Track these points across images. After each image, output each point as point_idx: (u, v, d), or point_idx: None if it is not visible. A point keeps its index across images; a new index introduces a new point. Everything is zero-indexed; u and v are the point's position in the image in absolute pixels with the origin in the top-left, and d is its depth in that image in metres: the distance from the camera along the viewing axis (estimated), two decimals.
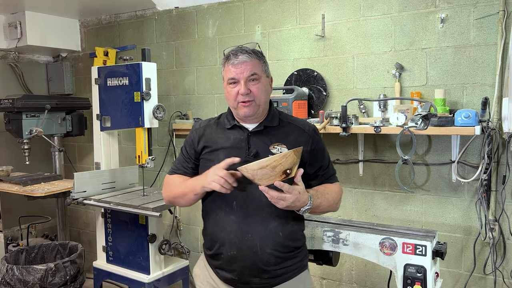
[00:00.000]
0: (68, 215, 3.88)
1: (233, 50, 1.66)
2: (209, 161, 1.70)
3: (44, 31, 3.67)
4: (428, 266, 1.84)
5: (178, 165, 1.83)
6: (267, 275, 1.65)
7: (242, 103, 1.64)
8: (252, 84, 1.63)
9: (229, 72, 1.64)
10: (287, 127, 1.72)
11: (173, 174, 1.83)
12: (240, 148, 1.67)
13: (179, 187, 1.75)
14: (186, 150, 1.80)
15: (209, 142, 1.73)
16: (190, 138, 1.80)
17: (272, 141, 1.67)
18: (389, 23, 2.54)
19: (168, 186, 1.82)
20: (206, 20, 3.22)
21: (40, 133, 3.26)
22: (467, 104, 2.35)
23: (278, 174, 1.41)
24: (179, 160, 1.84)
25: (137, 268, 2.81)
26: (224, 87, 1.70)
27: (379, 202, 2.68)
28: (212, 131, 1.76)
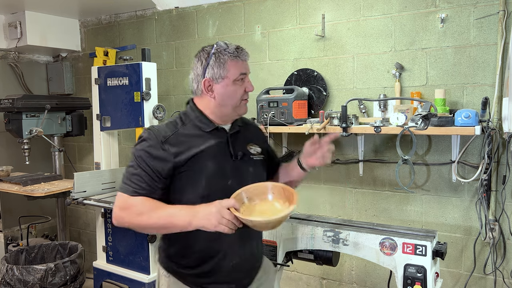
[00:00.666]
0: (68, 215, 3.88)
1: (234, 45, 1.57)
2: (197, 172, 1.51)
3: (44, 31, 3.67)
4: (428, 266, 1.83)
5: (140, 183, 1.48)
6: (256, 271, 1.71)
7: (245, 101, 1.59)
8: None
9: (240, 67, 1.54)
10: (248, 127, 1.75)
11: (134, 195, 1.47)
12: (225, 151, 1.58)
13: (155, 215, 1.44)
14: (154, 165, 1.48)
15: (193, 151, 1.51)
16: (157, 151, 1.49)
17: (246, 141, 1.65)
18: (389, 23, 2.54)
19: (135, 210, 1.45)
20: (206, 20, 3.22)
21: (40, 133, 3.26)
22: (467, 104, 2.35)
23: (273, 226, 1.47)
24: (140, 177, 1.48)
25: (137, 268, 2.81)
26: (225, 84, 1.54)
27: (379, 202, 2.68)
28: (187, 138, 1.54)
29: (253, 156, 1.64)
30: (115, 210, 1.49)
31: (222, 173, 1.54)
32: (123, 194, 1.49)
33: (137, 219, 1.46)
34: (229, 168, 1.56)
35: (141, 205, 1.46)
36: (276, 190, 1.52)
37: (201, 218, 1.38)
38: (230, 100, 1.56)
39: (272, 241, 2.18)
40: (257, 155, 1.66)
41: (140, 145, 1.53)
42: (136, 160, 1.51)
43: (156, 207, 1.46)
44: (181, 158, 1.50)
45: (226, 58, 1.53)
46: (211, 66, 1.54)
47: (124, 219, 1.48)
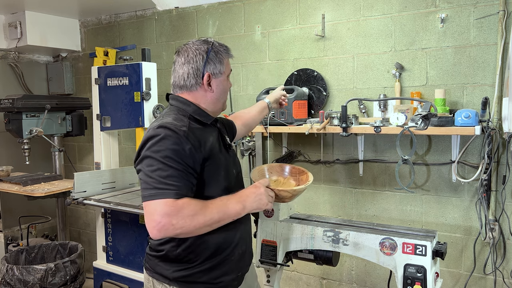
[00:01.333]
0: (68, 215, 3.88)
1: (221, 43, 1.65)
2: (217, 165, 1.52)
3: (44, 31, 3.67)
4: (428, 266, 1.83)
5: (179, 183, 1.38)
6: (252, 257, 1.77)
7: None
8: None
9: (229, 64, 1.67)
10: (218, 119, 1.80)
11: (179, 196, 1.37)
12: (220, 143, 1.62)
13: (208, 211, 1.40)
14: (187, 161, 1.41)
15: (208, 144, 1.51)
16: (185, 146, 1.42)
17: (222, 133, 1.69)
18: (389, 23, 2.54)
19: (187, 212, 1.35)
20: (206, 20, 3.22)
21: (40, 133, 3.26)
22: (467, 104, 2.35)
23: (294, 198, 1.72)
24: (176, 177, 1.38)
25: (137, 268, 2.81)
26: (223, 80, 1.61)
27: (379, 202, 2.68)
28: (199, 132, 1.51)
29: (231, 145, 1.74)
30: (158, 220, 1.32)
31: (229, 164, 1.61)
32: (162, 200, 1.34)
33: (192, 221, 1.36)
34: (230, 157, 1.65)
35: (191, 206, 1.37)
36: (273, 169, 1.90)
37: (253, 201, 1.49)
38: (224, 95, 1.66)
39: (272, 241, 2.18)
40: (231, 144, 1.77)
41: (160, 144, 1.40)
42: (164, 161, 1.37)
43: (204, 204, 1.41)
44: (206, 151, 1.48)
45: (223, 55, 1.60)
46: (212, 61, 1.56)
47: (176, 225, 1.34)
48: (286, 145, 2.93)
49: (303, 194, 2.90)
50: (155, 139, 1.41)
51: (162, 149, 1.39)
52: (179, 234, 1.38)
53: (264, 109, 2.18)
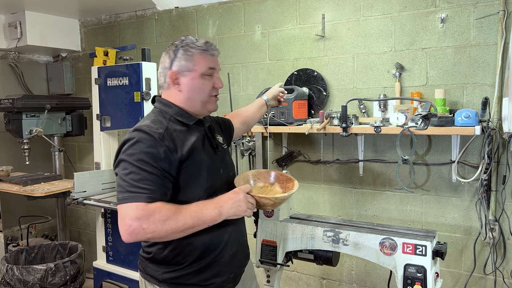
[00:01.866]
0: (68, 215, 3.88)
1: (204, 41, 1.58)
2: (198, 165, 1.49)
3: (44, 31, 3.67)
4: (428, 266, 1.83)
5: (152, 187, 1.36)
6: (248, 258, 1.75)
7: (214, 97, 1.58)
8: None
9: (209, 62, 1.53)
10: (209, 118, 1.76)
11: (152, 200, 1.35)
12: (208, 144, 1.59)
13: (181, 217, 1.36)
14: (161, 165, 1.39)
15: (187, 145, 1.48)
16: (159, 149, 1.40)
17: (213, 132, 1.67)
18: (389, 23, 2.54)
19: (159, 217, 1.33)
20: (206, 20, 3.22)
21: (40, 133, 3.26)
22: (467, 104, 2.35)
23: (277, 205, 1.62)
24: (151, 182, 1.36)
25: (137, 268, 2.80)
26: (193, 78, 1.52)
27: (379, 202, 2.68)
28: (177, 133, 1.49)
29: (223, 145, 1.71)
30: (129, 223, 1.31)
31: (214, 164, 1.57)
32: (134, 203, 1.32)
33: (164, 226, 1.33)
34: (216, 158, 1.61)
35: (163, 210, 1.34)
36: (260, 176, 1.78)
37: (231, 207, 1.41)
38: (198, 94, 1.53)
39: (272, 241, 2.18)
40: (225, 144, 1.73)
41: (134, 148, 1.39)
42: (137, 164, 1.37)
43: (178, 209, 1.37)
44: (182, 153, 1.45)
45: (194, 52, 1.53)
46: (178, 58, 1.54)
47: (147, 230, 1.31)
48: (286, 145, 2.93)
49: (304, 194, 2.90)
50: (130, 142, 1.41)
51: (136, 152, 1.38)
52: (150, 238, 1.37)
53: (262, 106, 2.12)
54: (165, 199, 1.39)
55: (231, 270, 1.61)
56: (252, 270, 1.85)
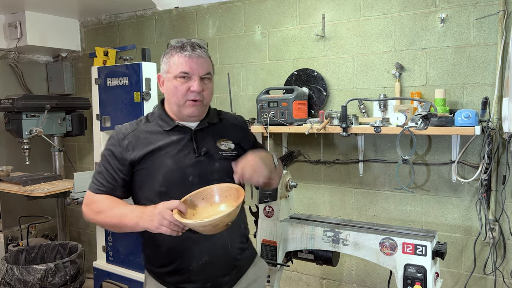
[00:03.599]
0: (68, 215, 3.88)
1: (187, 42, 1.53)
2: (154, 169, 1.51)
3: (44, 31, 3.67)
4: (428, 266, 1.83)
5: (103, 181, 1.52)
6: (235, 270, 1.63)
7: (192, 102, 1.51)
8: (205, 83, 1.53)
9: (182, 64, 1.49)
10: (225, 123, 1.69)
11: (97, 192, 1.52)
12: (187, 149, 1.54)
13: (110, 214, 1.46)
14: (113, 162, 1.52)
15: (149, 148, 1.51)
16: (118, 147, 1.52)
17: (217, 138, 1.61)
18: (389, 23, 2.54)
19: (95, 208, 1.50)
20: (206, 20, 3.22)
21: (40, 133, 3.26)
22: (467, 104, 2.35)
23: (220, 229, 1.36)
24: (103, 175, 1.53)
25: (137, 268, 2.82)
26: (168, 79, 1.53)
27: (379, 202, 2.68)
28: (147, 135, 1.54)
29: (222, 152, 1.59)
30: (82, 207, 1.55)
31: (182, 170, 1.51)
32: (88, 191, 1.55)
33: (96, 217, 1.50)
34: (190, 164, 1.52)
35: (101, 203, 1.50)
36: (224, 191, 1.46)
37: (145, 220, 1.36)
38: (171, 97, 1.53)
39: (272, 241, 2.18)
40: (228, 151, 1.60)
41: (106, 144, 1.58)
42: (101, 159, 1.56)
43: (113, 206, 1.47)
44: (136, 155, 1.51)
45: (172, 53, 1.53)
46: (163, 61, 1.58)
47: (88, 216, 1.52)
48: (286, 145, 2.93)
49: (304, 194, 2.90)
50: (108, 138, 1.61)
51: (105, 148, 1.58)
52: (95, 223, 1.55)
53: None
54: (116, 194, 1.53)
55: (205, 279, 1.56)
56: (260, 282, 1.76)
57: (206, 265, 1.54)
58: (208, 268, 1.55)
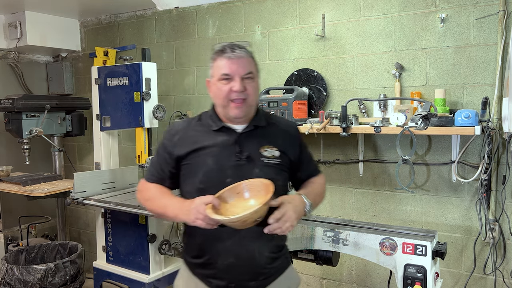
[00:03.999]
0: (68, 215, 3.88)
1: (227, 44, 1.57)
2: (196, 166, 1.58)
3: (44, 31, 3.67)
4: (428, 266, 1.84)
5: (155, 171, 1.67)
6: (262, 277, 1.63)
7: (234, 103, 1.54)
8: (247, 83, 1.55)
9: (223, 67, 1.53)
10: (274, 128, 1.68)
11: (149, 180, 1.67)
12: (230, 151, 1.57)
13: (156, 203, 1.61)
14: (164, 155, 1.64)
15: (195, 146, 1.59)
16: (170, 141, 1.64)
17: (262, 143, 1.61)
18: (389, 23, 2.54)
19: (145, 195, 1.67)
20: (206, 20, 3.22)
21: (40, 133, 3.26)
22: (467, 104, 2.35)
23: (249, 224, 1.40)
24: (156, 166, 1.67)
25: (137, 268, 2.81)
26: (213, 83, 1.58)
27: (379, 202, 2.68)
28: (196, 133, 1.62)
29: (264, 158, 1.59)
30: (136, 192, 1.73)
31: (221, 171, 1.54)
32: (142, 179, 1.71)
33: (145, 203, 1.67)
34: (230, 167, 1.55)
35: (150, 191, 1.65)
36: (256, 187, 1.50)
37: (183, 213, 1.46)
38: (217, 99, 1.59)
39: None
40: (271, 158, 1.60)
41: (162, 137, 1.70)
42: (156, 151, 1.70)
43: (160, 196, 1.61)
44: (183, 151, 1.59)
45: (214, 57, 1.58)
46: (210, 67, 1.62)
47: (139, 201, 1.71)
48: None
49: None
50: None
51: (160, 141, 1.70)
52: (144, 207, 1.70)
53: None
54: (165, 184, 1.66)
55: (230, 279, 1.59)
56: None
57: (231, 266, 1.57)
58: (233, 270, 1.57)
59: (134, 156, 2.90)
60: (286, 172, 1.66)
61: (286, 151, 1.64)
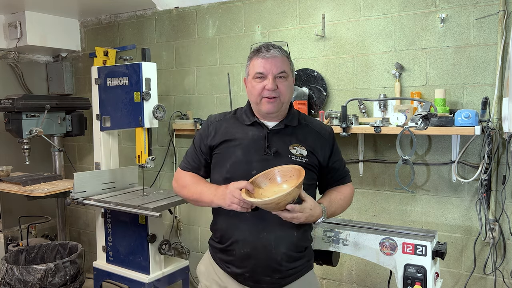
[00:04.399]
0: (68, 215, 3.88)
1: (264, 44, 1.65)
2: (225, 157, 1.67)
3: (44, 31, 3.67)
4: (428, 266, 1.83)
5: (190, 160, 1.79)
6: (278, 275, 1.65)
7: (267, 99, 1.62)
8: (280, 81, 1.62)
9: (258, 66, 1.61)
10: (306, 128, 1.73)
11: (185, 169, 1.79)
12: (259, 145, 1.65)
13: (192, 189, 1.71)
14: (199, 144, 1.76)
15: (226, 137, 1.69)
16: (205, 131, 1.75)
17: (291, 141, 1.66)
18: (389, 23, 2.54)
19: (181, 183, 1.78)
20: (206, 20, 3.22)
21: (40, 133, 3.26)
22: (467, 104, 2.35)
23: (282, 207, 1.48)
24: (191, 155, 1.79)
25: (137, 268, 2.81)
26: (248, 81, 1.67)
27: (379, 202, 2.68)
28: (229, 125, 1.72)
29: (292, 156, 1.65)
30: (172, 181, 1.84)
31: (248, 163, 1.63)
32: (178, 168, 1.83)
33: (182, 190, 1.77)
34: (257, 160, 1.63)
35: (186, 179, 1.76)
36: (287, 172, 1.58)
37: (219, 198, 1.56)
38: (251, 96, 1.68)
39: None
40: (298, 157, 1.66)
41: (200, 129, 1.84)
42: (192, 141, 1.80)
43: (195, 183, 1.73)
44: (215, 141, 1.70)
45: (251, 57, 1.67)
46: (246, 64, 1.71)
47: (175, 189, 1.81)
48: None
49: None
50: None
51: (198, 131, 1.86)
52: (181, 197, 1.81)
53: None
54: (198, 172, 1.77)
55: (246, 268, 1.64)
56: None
57: (247, 256, 1.63)
58: (249, 260, 1.63)
59: (134, 156, 2.90)
60: (314, 172, 1.71)
61: (315, 152, 1.69)
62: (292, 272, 1.68)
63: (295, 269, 1.69)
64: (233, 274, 1.69)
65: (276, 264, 1.63)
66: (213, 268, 1.76)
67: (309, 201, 1.55)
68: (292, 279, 1.69)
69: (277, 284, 1.66)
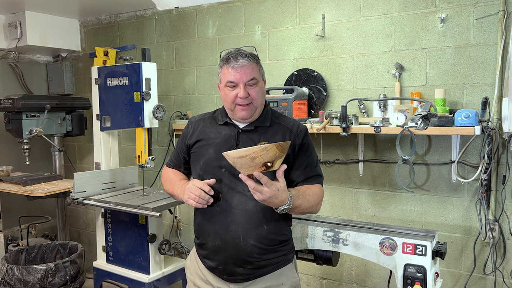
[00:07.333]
0: (68, 215, 3.88)
1: (232, 53, 1.70)
2: (199, 155, 1.78)
3: (44, 31, 3.67)
4: (428, 266, 1.84)
5: (173, 158, 1.95)
6: (250, 266, 1.70)
7: (240, 106, 1.69)
8: (251, 88, 1.69)
9: (228, 75, 1.68)
10: (277, 127, 1.77)
11: (169, 166, 1.96)
12: (230, 144, 1.73)
13: (171, 185, 1.86)
14: (180, 143, 1.89)
15: (201, 136, 1.80)
16: (185, 131, 1.88)
17: (260, 139, 1.71)
18: (389, 23, 2.54)
19: (164, 179, 1.95)
20: (206, 20, 3.22)
21: (40, 133, 3.26)
22: (467, 104, 2.36)
23: (257, 165, 1.42)
24: (175, 152, 1.94)
25: (137, 268, 2.82)
26: (221, 88, 1.74)
27: (379, 202, 2.68)
28: (206, 125, 1.83)
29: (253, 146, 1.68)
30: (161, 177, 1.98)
31: (218, 161, 1.69)
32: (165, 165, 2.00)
33: (164, 185, 1.93)
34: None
35: (167, 175, 1.93)
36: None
37: (184, 194, 1.68)
38: (225, 103, 1.75)
39: None
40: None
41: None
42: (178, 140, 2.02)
43: (174, 179, 1.87)
44: (192, 140, 1.82)
45: (221, 65, 1.73)
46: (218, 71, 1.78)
47: (162, 184, 1.96)
48: None
49: None
50: None
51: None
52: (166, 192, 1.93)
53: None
54: (179, 169, 1.93)
55: (219, 261, 1.73)
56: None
57: (218, 248, 1.71)
58: (220, 252, 1.71)
59: (134, 156, 2.90)
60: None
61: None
62: (265, 263, 1.71)
63: (268, 261, 1.72)
64: (210, 268, 1.78)
65: (246, 256, 1.68)
66: (197, 263, 1.86)
67: (281, 183, 1.51)
68: (266, 271, 1.73)
69: (250, 275, 1.71)
